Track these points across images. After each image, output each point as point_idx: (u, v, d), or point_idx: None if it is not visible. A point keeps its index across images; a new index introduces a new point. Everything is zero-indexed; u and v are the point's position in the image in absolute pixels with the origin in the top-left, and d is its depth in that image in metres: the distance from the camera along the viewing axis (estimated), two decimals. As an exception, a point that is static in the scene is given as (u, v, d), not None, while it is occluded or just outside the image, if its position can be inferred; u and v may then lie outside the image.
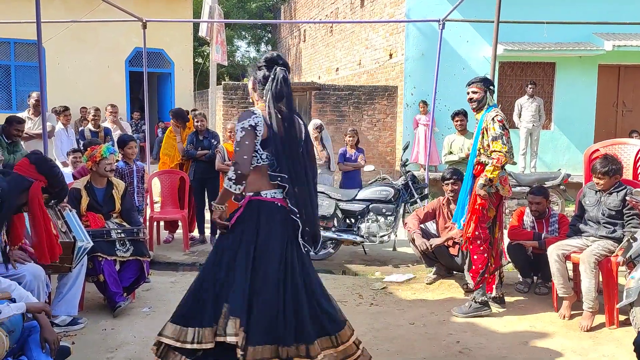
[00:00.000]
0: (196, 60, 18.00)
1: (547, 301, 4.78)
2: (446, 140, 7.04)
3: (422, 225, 5.46)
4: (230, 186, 2.96)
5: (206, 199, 6.87)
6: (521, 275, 5.21)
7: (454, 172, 5.33)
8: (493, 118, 4.34)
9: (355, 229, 6.27)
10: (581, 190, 4.80)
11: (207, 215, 6.06)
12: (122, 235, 4.46)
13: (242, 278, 2.93)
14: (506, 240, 5.03)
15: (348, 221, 6.39)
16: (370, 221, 6.21)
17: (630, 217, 4.33)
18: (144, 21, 7.99)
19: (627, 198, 4.31)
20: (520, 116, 10.33)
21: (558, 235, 4.95)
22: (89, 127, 7.75)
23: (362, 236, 6.18)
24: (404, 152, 6.87)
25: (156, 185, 7.24)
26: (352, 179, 7.34)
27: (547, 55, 11.22)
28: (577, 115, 11.56)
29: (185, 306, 3.02)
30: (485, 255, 4.46)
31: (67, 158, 6.73)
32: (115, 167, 4.88)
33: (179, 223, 6.93)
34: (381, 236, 6.18)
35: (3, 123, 6.06)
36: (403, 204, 6.41)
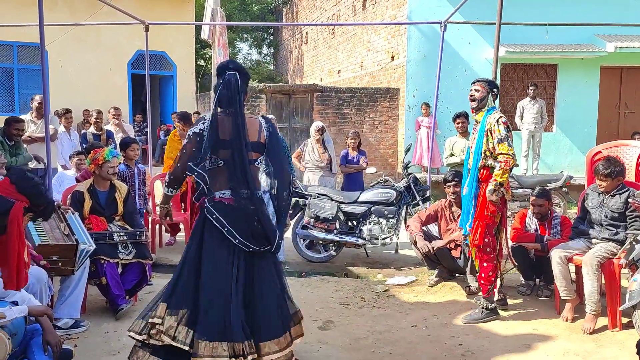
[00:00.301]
0: (198, 62, 17.99)
1: (550, 304, 4.77)
2: (448, 142, 7.04)
3: (424, 227, 5.46)
4: (163, 188, 3.26)
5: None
6: (523, 277, 5.19)
7: (456, 174, 5.30)
8: (497, 120, 4.22)
9: (357, 232, 6.27)
10: (584, 192, 4.78)
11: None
12: (125, 238, 4.46)
13: (190, 274, 3.05)
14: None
15: (350, 223, 6.38)
16: (372, 223, 6.20)
17: (632, 219, 4.31)
18: (147, 24, 8.03)
19: (630, 200, 4.30)
20: (522, 118, 10.32)
21: (560, 237, 4.95)
22: (92, 130, 7.75)
23: (364, 238, 6.18)
24: (406, 155, 6.88)
25: (158, 188, 7.23)
26: (354, 181, 7.34)
27: (549, 57, 11.20)
28: (580, 117, 11.54)
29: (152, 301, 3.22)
30: (494, 262, 4.40)
31: (69, 161, 6.74)
32: (117, 170, 4.89)
33: (181, 226, 6.94)
34: (383, 238, 6.17)
35: (2, 126, 6.07)
36: (405, 206, 6.41)
